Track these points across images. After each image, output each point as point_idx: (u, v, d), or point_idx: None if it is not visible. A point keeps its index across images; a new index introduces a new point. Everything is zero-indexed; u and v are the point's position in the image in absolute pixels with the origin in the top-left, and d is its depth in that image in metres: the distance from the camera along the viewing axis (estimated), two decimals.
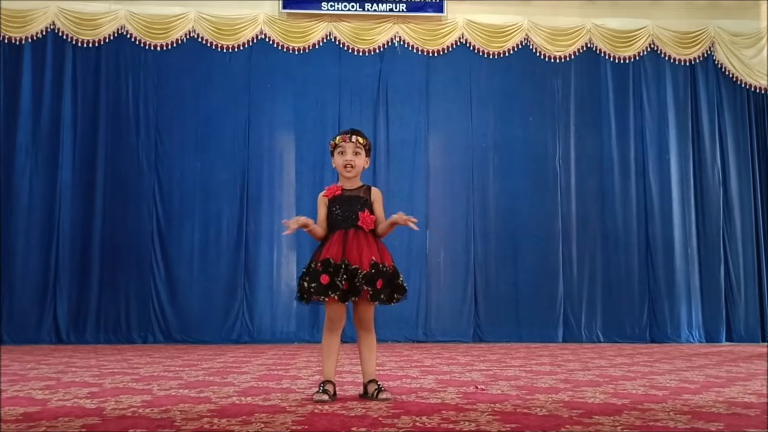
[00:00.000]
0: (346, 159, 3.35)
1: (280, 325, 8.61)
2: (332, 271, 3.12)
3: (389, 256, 3.28)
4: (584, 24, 9.28)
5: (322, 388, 3.17)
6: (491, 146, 9.18)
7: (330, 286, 3.10)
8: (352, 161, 3.35)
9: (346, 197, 3.34)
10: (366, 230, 3.27)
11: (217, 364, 5.20)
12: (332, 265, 3.13)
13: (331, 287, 3.11)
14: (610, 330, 8.87)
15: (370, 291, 3.11)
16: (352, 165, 3.35)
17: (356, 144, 3.37)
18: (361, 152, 3.39)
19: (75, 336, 8.32)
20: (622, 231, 9.06)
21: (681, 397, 3.25)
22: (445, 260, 9.04)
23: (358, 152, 3.37)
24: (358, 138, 3.38)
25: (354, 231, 3.25)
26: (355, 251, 3.17)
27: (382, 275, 3.14)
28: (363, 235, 3.25)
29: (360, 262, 3.14)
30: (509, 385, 3.74)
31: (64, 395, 3.28)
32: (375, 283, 3.12)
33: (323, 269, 3.12)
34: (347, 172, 3.36)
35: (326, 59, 9.06)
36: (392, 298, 3.22)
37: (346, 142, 3.37)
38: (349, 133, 3.39)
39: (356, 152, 3.37)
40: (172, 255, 8.69)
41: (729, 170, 9.29)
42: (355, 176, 3.38)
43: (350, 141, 3.36)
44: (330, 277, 3.10)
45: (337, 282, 3.10)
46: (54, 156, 8.60)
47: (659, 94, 9.36)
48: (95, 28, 8.80)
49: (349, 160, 3.35)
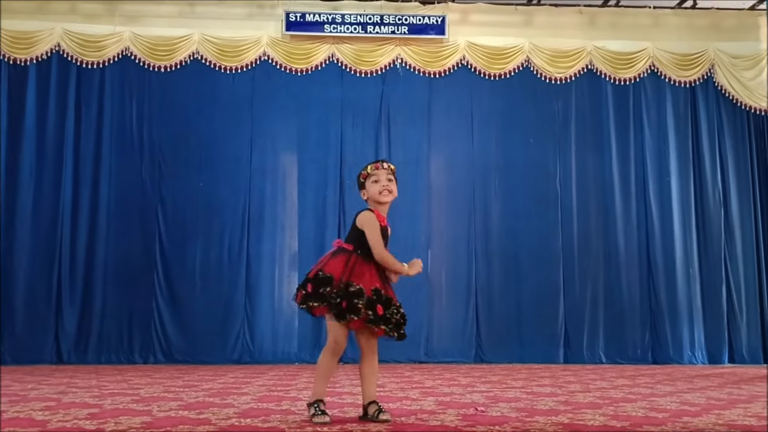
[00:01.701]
0: (383, 185, 3.31)
1: (282, 345, 8.60)
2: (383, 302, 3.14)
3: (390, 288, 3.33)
4: (585, 46, 9.34)
5: (319, 409, 3.14)
6: (493, 167, 9.21)
7: (383, 318, 3.12)
8: (389, 186, 3.32)
9: (384, 229, 3.34)
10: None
11: (217, 385, 5.20)
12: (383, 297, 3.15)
13: (384, 320, 3.12)
14: (612, 351, 8.84)
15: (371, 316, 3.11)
16: (389, 190, 3.32)
17: (388, 171, 3.36)
18: (393, 179, 3.37)
19: (76, 356, 8.31)
20: (623, 252, 9.06)
21: (681, 420, 3.25)
22: (446, 280, 9.05)
23: (391, 179, 3.36)
24: (390, 165, 3.38)
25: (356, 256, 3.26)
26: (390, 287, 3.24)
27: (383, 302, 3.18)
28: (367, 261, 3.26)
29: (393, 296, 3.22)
30: (509, 407, 3.74)
31: (64, 416, 3.29)
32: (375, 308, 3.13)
33: (377, 299, 3.12)
34: (384, 198, 3.32)
35: (329, 80, 9.13)
36: None
37: (378, 169, 3.35)
38: (380, 162, 3.39)
39: (389, 178, 3.35)
40: (174, 275, 8.70)
41: (729, 191, 9.30)
42: (388, 202, 3.36)
43: (383, 168, 3.36)
44: (383, 309, 3.12)
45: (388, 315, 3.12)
46: (57, 176, 8.65)
47: (659, 116, 9.40)
48: (100, 49, 8.88)
49: (385, 185, 3.31)
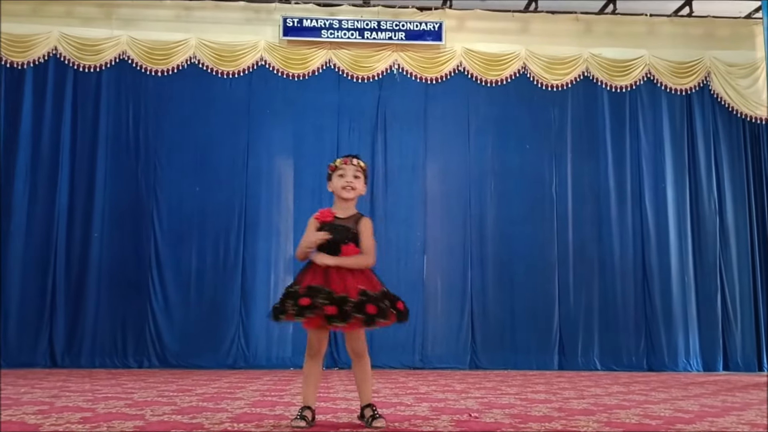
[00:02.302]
0: (347, 180, 3.30)
1: (276, 350, 8.58)
2: (312, 294, 3.03)
3: (378, 283, 3.19)
4: (581, 53, 9.37)
5: (300, 414, 3.14)
6: (489, 173, 9.23)
7: (309, 307, 3.01)
8: (353, 183, 3.30)
9: (336, 225, 3.27)
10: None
11: (211, 390, 5.19)
12: (313, 289, 3.04)
13: (310, 308, 3.01)
14: (607, 358, 8.85)
15: (364, 318, 3.04)
16: (353, 187, 3.30)
17: (357, 167, 3.33)
18: (361, 176, 3.34)
19: (70, 360, 8.29)
20: (618, 259, 9.07)
21: (674, 427, 3.25)
22: (441, 286, 9.05)
23: (358, 176, 3.33)
24: (359, 161, 3.37)
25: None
26: (340, 282, 3.09)
27: (372, 301, 3.06)
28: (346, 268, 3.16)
29: (346, 291, 3.06)
30: (503, 413, 3.74)
31: (57, 420, 3.28)
32: (365, 309, 3.04)
33: (305, 293, 3.04)
34: (346, 193, 3.30)
35: (325, 86, 9.14)
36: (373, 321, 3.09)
37: (347, 164, 3.33)
38: (350, 156, 3.38)
39: (356, 175, 3.33)
40: (169, 279, 8.69)
41: (725, 199, 9.32)
42: (352, 199, 3.33)
43: (351, 164, 3.34)
44: (310, 300, 3.02)
45: (318, 303, 3.01)
46: (53, 179, 8.64)
47: (655, 123, 9.43)
48: (97, 53, 8.88)
49: (349, 181, 3.30)
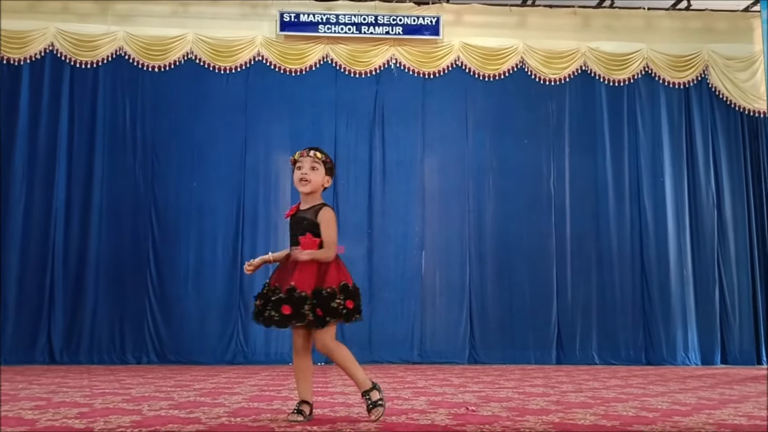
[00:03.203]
0: (302, 173, 3.30)
1: (275, 346, 8.57)
2: (265, 294, 3.17)
3: (336, 277, 3.16)
4: (579, 47, 9.36)
5: (297, 408, 3.17)
6: (487, 168, 9.22)
7: (261, 311, 3.17)
8: (307, 175, 3.30)
9: (296, 218, 3.32)
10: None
11: (209, 385, 5.19)
12: (268, 289, 3.17)
13: (260, 313, 3.18)
14: (605, 352, 8.85)
15: (276, 317, 3.10)
16: (307, 179, 3.29)
17: (314, 159, 3.32)
18: (319, 168, 3.32)
19: (68, 356, 8.29)
20: (616, 253, 9.07)
21: (671, 419, 3.25)
22: (440, 281, 9.05)
23: (316, 167, 3.31)
24: (316, 153, 3.34)
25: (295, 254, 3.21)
26: (286, 275, 3.16)
27: (291, 301, 3.07)
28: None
29: (282, 286, 3.13)
30: (500, 407, 3.74)
31: (54, 415, 3.27)
32: (281, 308, 3.08)
33: (261, 292, 3.20)
34: (302, 187, 3.31)
35: (323, 81, 9.13)
36: (324, 321, 3.10)
37: (303, 156, 3.33)
38: (308, 149, 3.37)
39: (313, 167, 3.31)
40: (167, 275, 8.69)
41: (723, 192, 9.32)
42: (311, 192, 3.31)
43: (308, 156, 3.33)
44: (262, 302, 3.17)
45: (267, 308, 3.13)
46: (50, 176, 8.63)
47: (653, 117, 9.42)
48: (93, 49, 8.86)
49: (304, 173, 3.30)
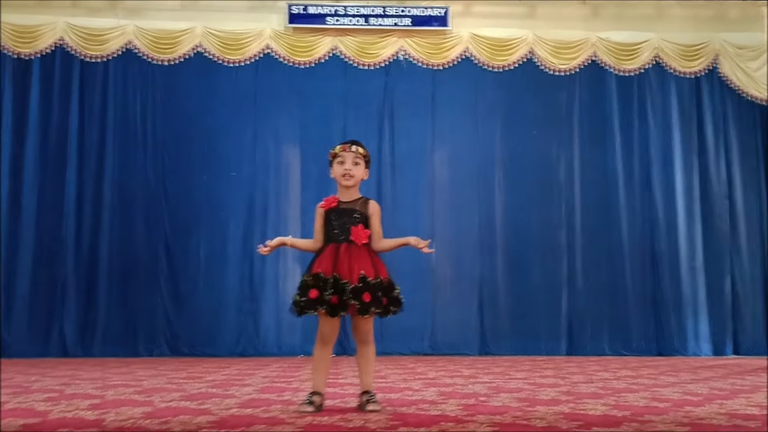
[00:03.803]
0: (345, 168, 3.35)
1: (286, 338, 8.60)
2: (322, 285, 3.16)
3: (384, 269, 3.29)
4: (588, 37, 9.29)
5: (308, 399, 3.20)
6: (497, 159, 9.19)
7: (318, 300, 3.15)
8: (351, 170, 3.35)
9: (342, 210, 3.35)
10: (359, 244, 3.28)
11: (220, 377, 5.21)
12: (322, 279, 3.16)
13: (320, 302, 3.15)
14: (616, 343, 8.82)
15: (358, 305, 3.14)
16: (351, 174, 3.35)
17: (356, 154, 3.38)
18: (361, 163, 3.39)
19: (82, 349, 8.33)
20: (627, 243, 9.03)
21: (683, 410, 3.24)
22: (451, 273, 9.04)
23: (358, 162, 3.38)
24: (359, 148, 3.40)
25: (347, 245, 3.27)
26: (346, 265, 3.19)
27: (369, 288, 3.16)
28: (356, 249, 3.26)
29: (350, 276, 3.16)
30: (511, 397, 3.74)
31: (66, 407, 3.30)
32: (362, 296, 3.13)
33: (313, 283, 3.17)
34: (345, 181, 3.36)
35: (332, 73, 9.11)
36: (387, 310, 3.23)
37: (346, 151, 3.38)
38: (350, 143, 3.42)
39: (356, 162, 3.38)
40: (179, 268, 8.73)
41: (735, 182, 9.25)
42: (353, 186, 3.38)
43: (350, 151, 3.38)
44: (319, 292, 3.15)
45: (325, 296, 3.13)
46: (61, 170, 8.66)
47: (664, 107, 9.35)
48: (103, 43, 8.88)
49: (348, 169, 3.35)
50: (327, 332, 3.29)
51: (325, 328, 3.28)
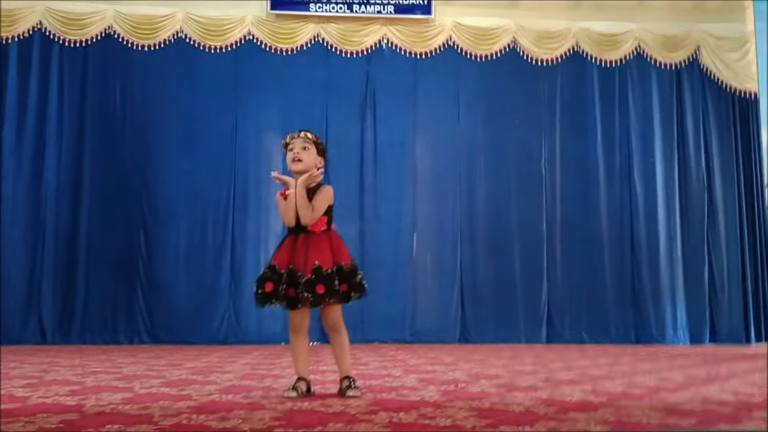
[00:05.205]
0: (294, 153, 3.33)
1: (267, 326, 8.58)
2: (277, 279, 3.18)
3: (346, 254, 3.27)
4: (570, 27, 9.34)
5: (293, 385, 3.22)
6: (478, 148, 9.22)
7: (273, 294, 3.18)
8: (299, 154, 3.32)
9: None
10: (317, 232, 3.27)
11: (201, 364, 5.21)
12: (277, 273, 3.19)
13: (274, 295, 3.19)
14: (595, 331, 8.91)
15: (311, 297, 3.15)
16: (300, 159, 3.32)
17: (304, 139, 3.36)
18: (310, 148, 3.36)
19: (60, 337, 8.29)
20: (606, 233, 9.12)
21: (658, 396, 3.28)
22: (431, 261, 9.08)
23: (306, 147, 3.35)
24: (306, 134, 3.39)
25: (305, 236, 3.26)
26: (302, 257, 3.20)
27: (323, 279, 3.14)
28: (314, 238, 3.25)
29: (305, 268, 3.17)
30: (490, 384, 3.77)
31: (45, 393, 3.28)
32: (315, 288, 3.13)
33: (269, 276, 3.20)
34: (294, 166, 3.33)
35: (314, 61, 9.08)
36: (349, 296, 3.22)
37: (294, 138, 3.38)
38: (298, 131, 3.41)
39: (304, 147, 3.35)
40: (158, 256, 8.68)
41: (714, 173, 9.36)
42: (302, 171, 3.31)
43: (298, 137, 3.38)
44: (274, 285, 3.18)
45: (280, 291, 3.16)
46: (39, 156, 8.59)
47: (645, 98, 9.43)
48: (82, 27, 8.79)
49: (296, 153, 3.33)
50: (296, 321, 3.33)
51: (294, 317, 3.32)
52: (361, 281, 3.25)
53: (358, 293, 3.25)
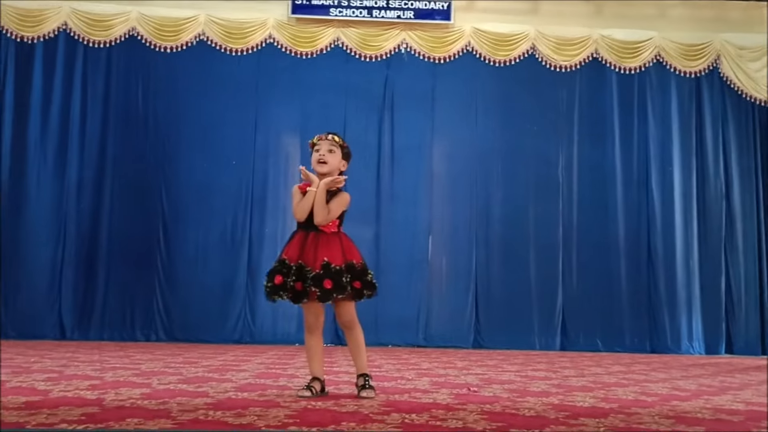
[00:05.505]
0: (320, 154, 3.41)
1: (281, 326, 8.66)
2: (286, 272, 3.24)
3: (357, 254, 3.34)
4: (590, 34, 9.33)
5: (307, 385, 3.29)
6: (495, 154, 9.24)
7: (281, 286, 3.23)
8: (325, 156, 3.41)
9: None
10: (328, 233, 3.33)
11: (216, 362, 5.28)
12: (287, 266, 3.24)
13: (283, 288, 3.23)
14: (609, 339, 8.89)
15: (318, 292, 3.20)
16: (325, 161, 3.41)
17: (331, 142, 3.45)
18: (336, 151, 3.45)
19: (79, 333, 8.41)
20: (623, 241, 9.09)
21: (669, 404, 3.31)
22: (446, 266, 9.11)
23: (333, 150, 3.44)
24: (334, 137, 3.47)
25: (315, 233, 3.32)
26: (312, 253, 3.26)
27: (331, 275, 3.19)
28: (324, 237, 3.31)
29: (314, 263, 3.23)
30: (502, 389, 3.80)
31: (66, 387, 3.36)
32: (322, 283, 3.18)
33: (279, 269, 3.26)
34: (319, 167, 3.41)
35: (333, 64, 9.15)
36: (361, 294, 3.28)
37: (321, 140, 3.46)
38: (326, 133, 3.49)
39: (330, 150, 3.43)
40: (177, 254, 8.79)
41: (732, 183, 9.31)
42: (327, 173, 3.41)
43: (326, 139, 3.46)
44: (283, 278, 3.23)
45: (288, 282, 3.22)
46: (62, 154, 8.72)
47: (664, 106, 9.40)
48: (107, 29, 8.92)
49: (322, 154, 3.41)
50: (311, 320, 3.39)
51: (309, 316, 3.39)
52: (371, 280, 3.32)
53: (370, 291, 3.30)
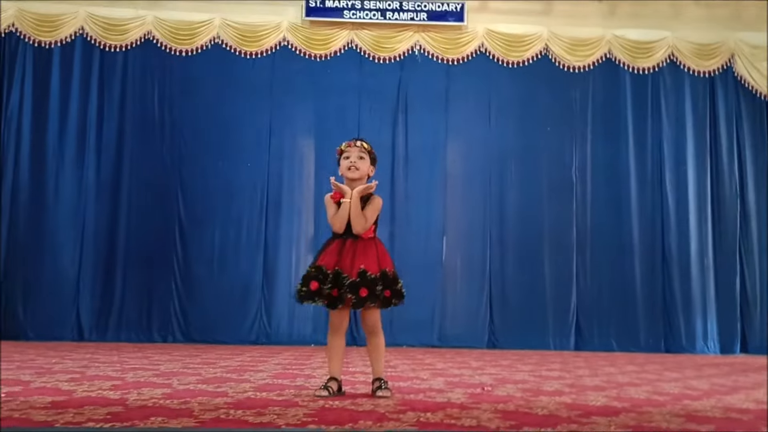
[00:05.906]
0: (351, 161, 3.47)
1: (298, 327, 8.74)
2: (322, 278, 3.30)
3: (389, 262, 3.41)
4: (604, 34, 9.34)
5: (325, 384, 3.35)
6: (509, 155, 9.28)
7: (317, 292, 3.29)
8: (356, 163, 3.47)
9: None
10: (365, 239, 3.40)
11: (234, 363, 5.35)
12: (323, 273, 3.30)
13: (318, 294, 3.29)
14: (624, 339, 8.90)
15: (354, 299, 3.27)
16: (357, 167, 3.47)
17: (361, 148, 3.50)
18: (366, 157, 3.51)
19: (97, 334, 8.52)
20: (637, 241, 9.10)
21: (681, 402, 3.34)
22: (461, 266, 9.15)
23: (362, 157, 3.50)
24: (363, 143, 3.52)
25: (352, 240, 3.39)
26: (348, 260, 3.33)
27: (367, 283, 3.26)
28: (361, 244, 3.38)
29: (350, 271, 3.29)
30: (516, 388, 3.85)
31: (89, 387, 3.44)
32: (359, 291, 3.26)
33: (315, 275, 3.31)
34: (351, 174, 3.47)
35: (347, 66, 9.21)
36: (389, 302, 3.35)
37: (351, 147, 3.51)
38: (354, 139, 3.55)
39: (360, 156, 3.49)
40: (193, 256, 8.88)
41: (747, 182, 9.30)
42: (358, 179, 3.48)
43: (355, 146, 3.51)
44: (319, 284, 3.29)
45: (324, 289, 3.27)
46: (80, 157, 8.84)
47: (678, 106, 9.39)
48: (123, 33, 9.02)
49: (353, 161, 3.47)
50: (336, 322, 3.44)
51: (334, 318, 3.44)
52: (401, 289, 3.39)
53: (397, 300, 3.37)
